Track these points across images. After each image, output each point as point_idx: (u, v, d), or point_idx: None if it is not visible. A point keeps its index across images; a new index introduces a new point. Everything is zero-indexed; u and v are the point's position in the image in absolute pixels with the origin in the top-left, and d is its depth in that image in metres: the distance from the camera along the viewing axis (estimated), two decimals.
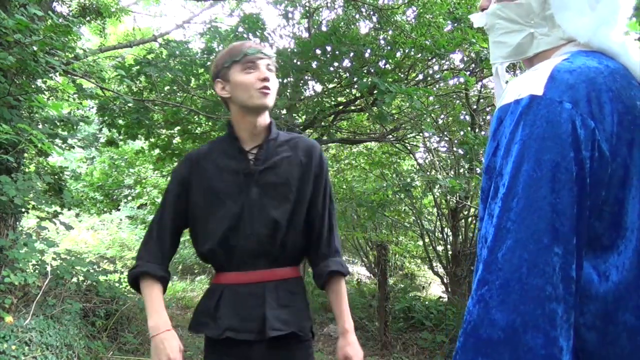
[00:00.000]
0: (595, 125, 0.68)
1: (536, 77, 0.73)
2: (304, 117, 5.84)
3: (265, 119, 1.42)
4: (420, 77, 6.06)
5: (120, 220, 12.30)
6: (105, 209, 7.78)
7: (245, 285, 1.36)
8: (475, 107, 5.88)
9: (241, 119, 1.41)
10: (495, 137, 0.76)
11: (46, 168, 4.71)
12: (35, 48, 3.07)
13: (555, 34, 0.82)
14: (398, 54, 5.33)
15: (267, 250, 1.37)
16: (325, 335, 5.30)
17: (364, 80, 4.41)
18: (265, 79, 1.35)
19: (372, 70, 4.99)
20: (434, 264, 6.82)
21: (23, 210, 3.81)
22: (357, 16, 5.68)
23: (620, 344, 0.71)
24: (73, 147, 4.49)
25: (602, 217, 0.71)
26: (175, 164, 6.68)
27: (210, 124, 5.61)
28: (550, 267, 0.64)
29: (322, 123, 5.90)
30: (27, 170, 4.37)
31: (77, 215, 7.35)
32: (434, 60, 5.46)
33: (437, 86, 6.17)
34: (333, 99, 5.91)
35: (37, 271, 3.72)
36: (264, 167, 1.39)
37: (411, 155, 7.01)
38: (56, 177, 4.40)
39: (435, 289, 8.42)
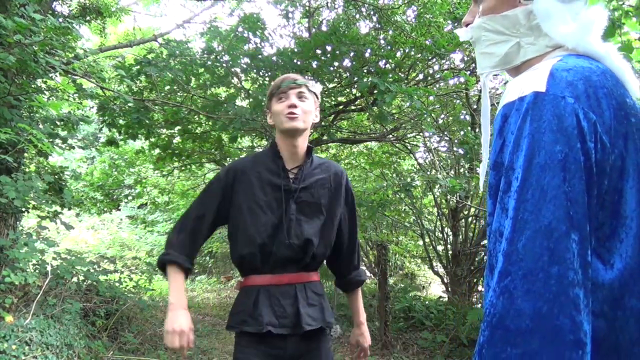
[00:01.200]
0: (596, 119, 0.72)
1: (537, 75, 0.76)
2: None
3: (302, 142, 1.62)
4: (421, 76, 6.06)
5: (121, 220, 12.31)
6: (105, 209, 7.78)
7: (278, 287, 1.55)
8: (475, 106, 5.87)
9: (282, 142, 1.62)
10: (502, 134, 0.78)
11: (46, 168, 4.71)
12: (35, 48, 3.07)
13: (541, 42, 0.87)
14: (398, 54, 5.32)
15: (299, 258, 1.57)
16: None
17: (364, 80, 4.41)
18: (292, 106, 1.56)
19: (372, 70, 4.99)
20: (434, 264, 6.81)
21: (23, 210, 3.81)
22: (357, 16, 5.68)
23: (629, 329, 0.73)
24: (73, 147, 4.49)
25: (604, 206, 0.74)
26: (175, 163, 6.70)
27: (210, 123, 5.61)
28: (570, 253, 0.66)
29: (322, 123, 5.90)
30: (27, 170, 4.37)
31: (78, 215, 7.36)
32: (434, 60, 5.46)
33: (438, 86, 6.17)
34: (333, 99, 5.91)
35: (37, 271, 3.72)
36: (302, 186, 1.59)
37: (411, 155, 7.01)
38: (56, 176, 4.39)
39: (436, 288, 8.42)
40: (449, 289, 6.21)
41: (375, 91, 4.54)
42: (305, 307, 1.54)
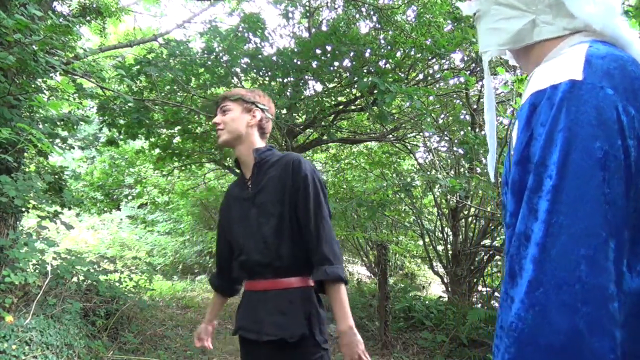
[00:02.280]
0: (634, 113, 0.65)
1: (570, 61, 0.69)
2: (304, 116, 5.84)
3: (246, 149, 1.67)
4: (421, 76, 6.06)
5: (121, 219, 12.31)
6: (105, 209, 7.78)
7: (255, 293, 1.60)
8: (475, 106, 5.88)
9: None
10: (530, 126, 0.70)
11: (46, 168, 4.71)
12: (35, 47, 3.07)
13: (559, 23, 0.79)
14: (398, 54, 5.33)
15: (267, 262, 1.56)
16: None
17: (364, 80, 4.41)
18: (214, 124, 1.69)
19: (372, 70, 4.99)
20: (434, 264, 6.82)
21: (23, 209, 3.81)
22: (357, 16, 5.68)
23: None
24: (73, 148, 4.49)
25: (636, 209, 0.66)
26: (175, 163, 6.70)
27: (210, 123, 5.60)
28: (610, 262, 0.60)
29: (322, 123, 5.90)
30: (27, 170, 4.37)
31: (78, 214, 7.37)
32: (434, 60, 5.46)
33: (437, 86, 6.17)
34: (333, 99, 5.91)
35: (37, 271, 3.72)
36: (256, 190, 1.63)
37: (411, 155, 7.01)
38: (56, 176, 4.39)
39: (436, 288, 8.42)
40: (449, 289, 6.21)
41: (375, 91, 4.55)
42: (272, 315, 1.51)
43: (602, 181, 0.61)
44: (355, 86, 5.17)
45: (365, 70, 5.06)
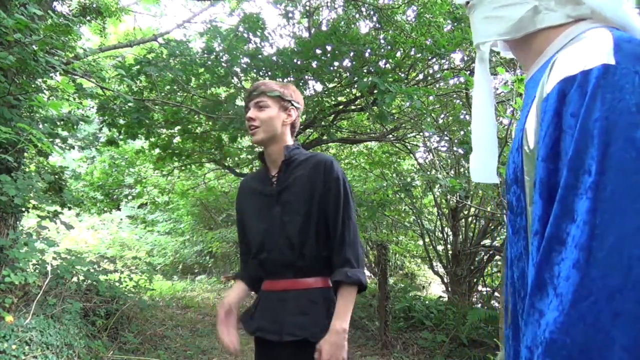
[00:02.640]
0: None
1: (598, 45, 0.63)
2: (304, 116, 5.84)
3: (276, 148, 1.64)
4: (421, 76, 6.06)
5: (121, 219, 12.32)
6: (105, 209, 7.78)
7: (275, 293, 1.58)
8: None
9: (263, 150, 1.69)
10: (559, 117, 0.63)
11: (46, 168, 4.71)
12: (35, 47, 3.07)
13: (562, 10, 0.74)
14: (398, 54, 5.32)
15: (289, 261, 1.55)
16: None
17: (364, 80, 4.41)
18: (249, 119, 1.62)
19: (372, 70, 4.99)
20: (434, 264, 6.82)
21: (23, 209, 3.80)
22: (357, 16, 5.68)
23: None
24: (73, 148, 4.49)
25: None
26: (175, 163, 6.70)
27: (210, 123, 5.61)
28: None
29: (322, 122, 5.90)
30: (27, 169, 4.36)
31: (78, 214, 7.37)
32: (434, 59, 5.46)
33: (437, 86, 6.17)
34: (333, 99, 5.91)
35: (37, 271, 3.72)
36: (281, 188, 1.61)
37: (411, 155, 7.01)
38: (56, 176, 4.39)
39: (436, 288, 8.42)
40: (449, 288, 6.22)
41: (375, 91, 4.55)
42: (295, 315, 1.50)
43: None
44: (355, 86, 5.17)
45: (365, 70, 5.06)
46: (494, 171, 0.89)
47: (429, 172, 6.15)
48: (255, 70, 4.98)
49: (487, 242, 6.09)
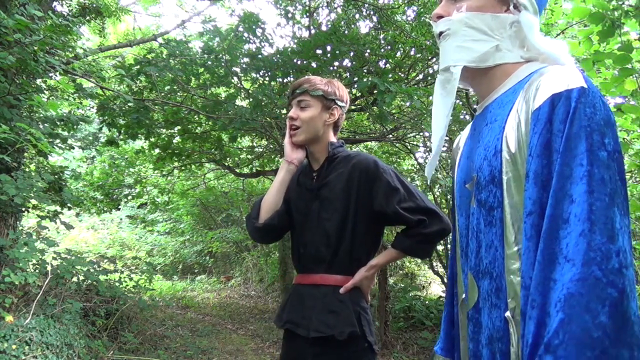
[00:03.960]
0: None
1: (573, 73, 0.82)
2: None
3: (319, 147, 1.63)
4: (420, 76, 6.06)
5: (121, 219, 12.31)
6: (105, 209, 7.79)
7: (305, 286, 1.58)
8: (475, 106, 5.88)
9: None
10: (551, 122, 0.81)
11: (46, 167, 4.71)
12: (35, 48, 3.07)
13: (517, 52, 0.96)
14: (398, 54, 5.32)
15: (322, 256, 1.55)
16: None
17: (364, 80, 4.41)
18: (290, 119, 1.61)
19: (372, 70, 4.99)
20: (434, 264, 6.82)
21: (23, 209, 3.80)
22: (357, 16, 5.68)
23: None
24: (73, 147, 4.49)
25: None
26: (175, 163, 6.71)
27: (210, 123, 5.61)
28: (627, 235, 0.74)
29: None
30: (27, 169, 4.36)
31: (78, 214, 7.37)
32: (434, 59, 5.46)
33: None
34: None
35: (37, 270, 3.72)
36: (321, 184, 1.60)
37: (411, 155, 7.01)
38: (56, 176, 4.39)
39: (436, 288, 8.42)
40: None
41: (375, 91, 4.54)
42: (322, 312, 1.49)
43: (615, 171, 0.75)
44: (355, 86, 5.17)
45: (365, 70, 5.06)
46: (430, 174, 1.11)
47: None
48: (255, 71, 4.98)
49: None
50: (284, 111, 5.25)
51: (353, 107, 6.15)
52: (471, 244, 0.95)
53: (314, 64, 4.90)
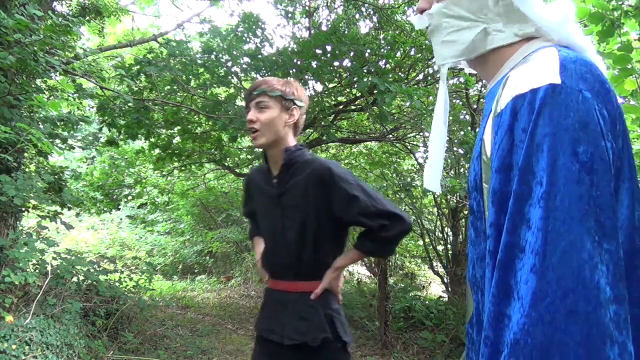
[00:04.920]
0: (607, 116, 0.66)
1: (546, 65, 0.68)
2: (303, 117, 5.83)
3: (277, 150, 1.59)
4: (421, 76, 6.06)
5: (121, 219, 12.31)
6: (105, 209, 7.78)
7: (276, 292, 1.60)
8: (475, 106, 5.88)
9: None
10: (512, 132, 0.68)
11: (46, 168, 4.71)
12: (35, 48, 3.07)
13: (509, 30, 0.80)
14: (398, 54, 5.33)
15: (289, 263, 1.56)
16: None
17: (364, 80, 4.41)
18: (249, 121, 1.56)
19: (372, 70, 4.99)
20: (434, 264, 6.82)
21: (23, 209, 3.80)
22: (357, 16, 5.68)
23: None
24: (73, 148, 4.49)
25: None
26: (175, 163, 6.71)
27: (210, 123, 5.60)
28: (605, 266, 0.59)
29: (322, 123, 5.90)
30: (27, 170, 4.36)
31: (78, 214, 7.36)
32: (434, 59, 5.46)
33: (438, 86, 6.17)
34: (333, 99, 5.91)
35: (37, 270, 3.72)
36: (282, 191, 1.58)
37: (411, 155, 7.01)
38: (56, 176, 4.39)
39: (436, 288, 8.42)
40: (449, 288, 6.21)
41: (375, 91, 4.54)
42: (293, 319, 1.51)
43: (590, 185, 0.61)
44: (355, 86, 5.17)
45: (365, 70, 5.06)
46: (438, 182, 0.96)
47: None
48: (255, 71, 4.98)
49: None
50: None
51: (353, 107, 6.16)
52: (469, 253, 0.87)
53: (314, 64, 4.90)
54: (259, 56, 4.87)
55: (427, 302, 6.25)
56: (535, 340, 0.58)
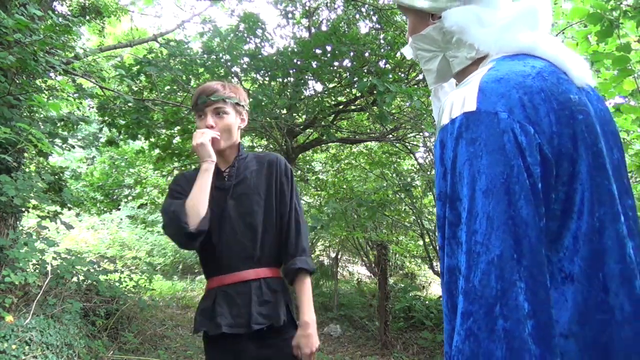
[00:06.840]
0: (535, 130, 0.67)
1: (467, 92, 0.72)
2: (304, 116, 5.85)
3: (229, 150, 1.68)
4: (421, 76, 6.06)
5: (121, 219, 12.31)
6: (105, 209, 7.78)
7: (230, 286, 1.57)
8: None
9: None
10: (442, 162, 0.73)
11: (46, 168, 4.71)
12: (35, 48, 3.07)
13: (462, 54, 0.86)
14: (398, 54, 5.33)
15: (249, 252, 1.58)
16: (326, 334, 5.31)
17: (364, 80, 4.41)
18: (209, 127, 1.60)
19: (372, 70, 4.99)
20: (434, 264, 6.81)
21: (23, 209, 3.81)
22: (357, 16, 5.68)
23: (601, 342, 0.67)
24: (73, 147, 4.49)
25: (555, 217, 0.69)
26: (175, 163, 6.70)
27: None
28: (524, 282, 0.61)
29: (322, 123, 5.90)
30: (27, 170, 4.37)
31: (78, 214, 7.37)
32: None
33: None
34: (333, 99, 5.91)
35: (37, 270, 3.72)
36: (236, 181, 1.64)
37: (411, 155, 7.01)
38: (56, 176, 4.40)
39: (436, 288, 8.42)
40: None
41: (375, 91, 4.55)
42: (257, 305, 1.54)
43: (507, 205, 0.63)
44: (355, 86, 5.17)
45: (365, 71, 5.06)
46: None
47: (429, 172, 6.15)
48: (255, 70, 4.98)
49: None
50: (284, 111, 5.26)
51: (353, 107, 6.16)
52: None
53: (314, 64, 4.90)
54: (259, 56, 4.87)
55: (427, 302, 6.25)
56: (464, 356, 0.63)
